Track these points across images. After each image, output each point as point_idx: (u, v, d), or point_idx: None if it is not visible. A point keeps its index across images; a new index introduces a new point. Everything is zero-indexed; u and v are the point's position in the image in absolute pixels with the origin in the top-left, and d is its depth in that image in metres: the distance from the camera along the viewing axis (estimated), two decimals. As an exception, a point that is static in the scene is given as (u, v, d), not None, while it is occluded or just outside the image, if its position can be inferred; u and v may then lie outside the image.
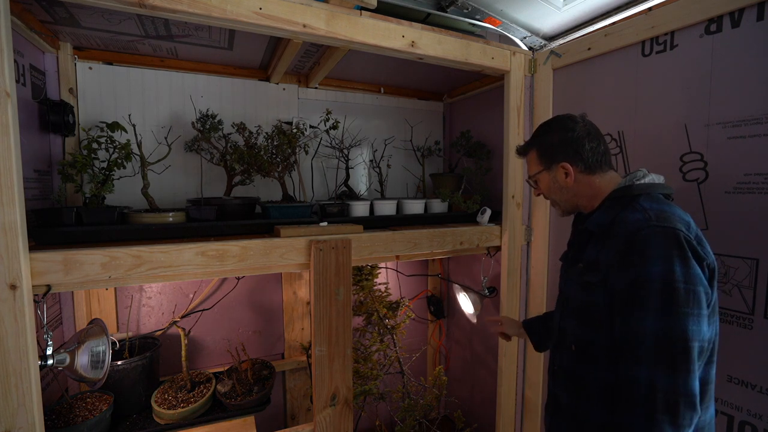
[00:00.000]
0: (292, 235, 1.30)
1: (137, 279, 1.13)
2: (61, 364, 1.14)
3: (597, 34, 1.43)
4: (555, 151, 1.04)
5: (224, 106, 1.81)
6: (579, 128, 1.01)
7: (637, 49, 1.34)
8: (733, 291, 1.13)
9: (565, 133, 1.03)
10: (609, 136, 1.42)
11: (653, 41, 1.29)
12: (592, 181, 1.01)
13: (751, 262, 1.09)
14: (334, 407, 1.35)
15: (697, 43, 1.19)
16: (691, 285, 0.79)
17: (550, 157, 1.05)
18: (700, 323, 0.79)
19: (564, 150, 1.02)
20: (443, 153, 2.36)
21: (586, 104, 1.50)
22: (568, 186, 1.03)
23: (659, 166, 1.28)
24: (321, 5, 1.23)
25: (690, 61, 1.21)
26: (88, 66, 1.57)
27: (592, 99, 1.48)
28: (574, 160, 1.01)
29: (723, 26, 1.13)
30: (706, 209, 1.19)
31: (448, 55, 1.45)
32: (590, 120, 1.06)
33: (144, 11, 1.05)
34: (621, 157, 1.40)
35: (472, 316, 2.07)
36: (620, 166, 1.40)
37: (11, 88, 0.91)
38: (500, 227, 1.69)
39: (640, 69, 1.33)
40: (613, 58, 1.41)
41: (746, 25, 1.09)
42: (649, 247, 0.81)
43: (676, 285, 0.78)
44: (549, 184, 1.08)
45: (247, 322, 1.99)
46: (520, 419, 1.78)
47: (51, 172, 1.46)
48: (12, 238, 0.92)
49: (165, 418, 1.44)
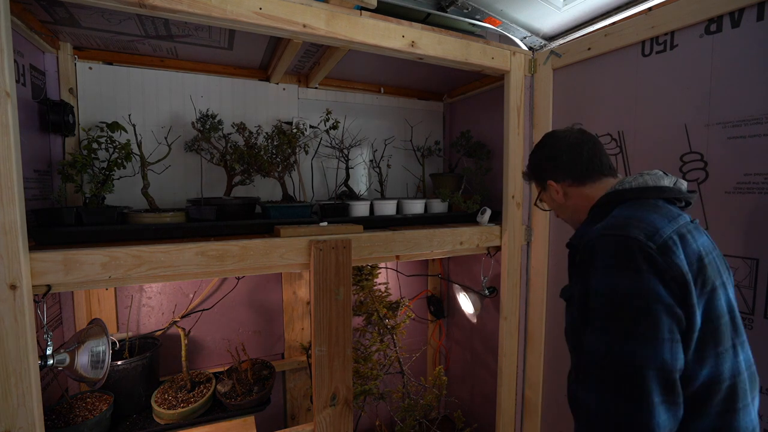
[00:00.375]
0: (292, 235, 1.30)
1: (137, 279, 1.13)
2: (61, 364, 1.14)
3: (597, 34, 1.43)
4: (540, 171, 1.05)
5: (224, 106, 1.81)
6: (555, 142, 1.01)
7: (637, 49, 1.33)
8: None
9: (542, 150, 1.04)
10: (609, 136, 1.42)
11: (653, 41, 1.29)
12: (583, 193, 0.98)
13: (751, 262, 1.09)
14: (334, 407, 1.35)
15: (697, 43, 1.19)
16: (640, 301, 0.68)
17: (540, 178, 1.06)
18: (657, 348, 0.66)
19: (545, 168, 1.02)
20: (443, 153, 2.36)
21: (586, 104, 1.50)
22: (563, 203, 1.02)
23: (659, 166, 1.26)
24: (321, 5, 1.23)
25: (690, 61, 1.21)
26: (88, 66, 1.57)
27: (592, 99, 1.48)
28: (557, 176, 1.00)
29: (723, 26, 1.13)
30: (706, 210, 1.19)
31: (448, 55, 1.45)
32: (580, 127, 1.04)
33: (144, 11, 1.05)
34: (621, 157, 1.40)
35: (472, 316, 2.07)
36: (620, 166, 1.40)
37: (11, 88, 0.91)
38: (500, 227, 1.69)
39: (641, 69, 1.33)
40: (613, 58, 1.41)
41: (746, 25, 1.08)
42: (595, 257, 0.74)
43: (620, 300, 0.69)
44: (551, 204, 1.07)
45: (247, 322, 1.99)
46: (520, 419, 1.78)
47: (51, 172, 1.46)
48: (12, 238, 0.92)
49: (165, 418, 1.44)
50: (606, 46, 1.40)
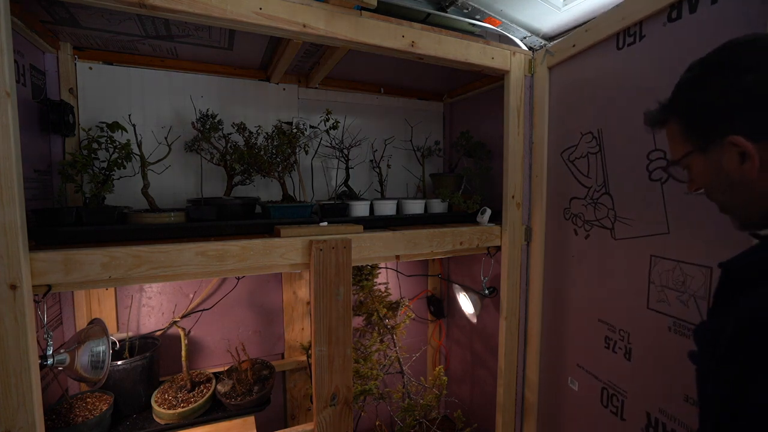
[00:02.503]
0: (292, 235, 1.30)
1: (137, 279, 1.13)
2: (61, 364, 1.14)
3: (579, 30, 1.39)
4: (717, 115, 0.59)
5: (224, 106, 1.81)
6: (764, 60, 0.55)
7: (612, 42, 1.28)
8: (689, 302, 1.07)
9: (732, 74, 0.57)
10: (591, 134, 1.38)
11: (625, 33, 1.23)
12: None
13: (705, 270, 1.03)
14: (334, 407, 1.35)
15: (661, 32, 1.12)
16: None
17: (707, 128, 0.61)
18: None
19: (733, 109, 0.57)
20: (443, 153, 2.36)
21: (573, 102, 1.47)
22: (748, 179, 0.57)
23: (629, 166, 1.23)
24: (321, 5, 1.23)
25: (657, 51, 1.13)
26: (88, 66, 1.57)
27: (577, 97, 1.46)
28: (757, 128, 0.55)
29: (683, 12, 1.05)
30: (668, 212, 1.12)
31: (448, 55, 1.45)
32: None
33: (144, 11, 1.05)
34: (600, 156, 1.35)
35: (472, 316, 2.07)
36: (599, 166, 1.35)
37: (11, 88, 0.91)
38: (500, 227, 1.69)
39: (616, 63, 1.27)
40: (593, 53, 1.36)
41: (702, 9, 1.01)
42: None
43: None
44: (709, 174, 0.63)
45: (247, 322, 1.99)
46: (520, 419, 1.78)
47: (51, 172, 1.46)
48: (12, 238, 0.92)
49: (165, 418, 1.44)
50: (586, 42, 1.36)
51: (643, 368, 1.24)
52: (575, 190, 1.48)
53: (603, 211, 1.36)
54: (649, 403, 1.21)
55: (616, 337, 1.32)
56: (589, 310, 1.43)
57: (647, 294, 1.21)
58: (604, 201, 1.36)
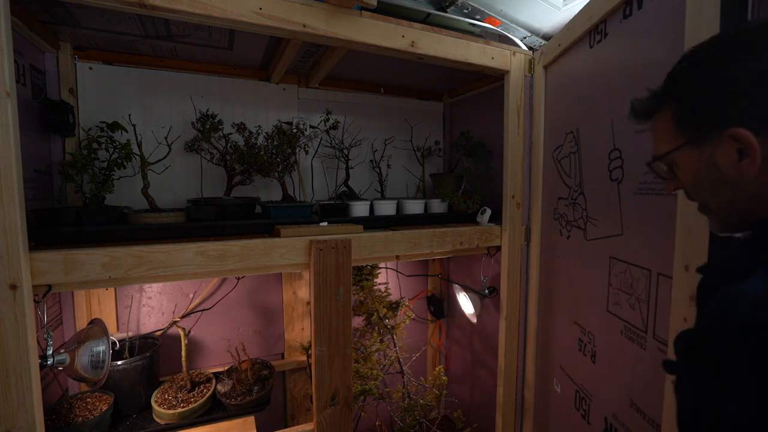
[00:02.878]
0: (292, 235, 1.30)
1: (137, 279, 1.13)
2: (61, 364, 1.14)
3: (563, 28, 1.39)
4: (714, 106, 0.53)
5: (224, 106, 1.81)
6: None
7: (586, 41, 1.26)
8: (635, 305, 1.05)
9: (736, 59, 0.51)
10: (572, 134, 1.36)
11: (594, 31, 1.21)
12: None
13: (647, 272, 1.01)
14: (334, 407, 1.35)
15: (619, 29, 1.10)
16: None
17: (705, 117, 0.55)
18: None
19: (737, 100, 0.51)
20: (443, 153, 2.36)
21: (560, 102, 1.46)
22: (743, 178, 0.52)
23: (596, 166, 1.21)
24: (321, 5, 1.23)
25: (617, 49, 1.12)
26: (88, 66, 1.57)
27: (562, 96, 1.45)
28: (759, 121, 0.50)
29: (633, 9, 1.04)
30: (622, 213, 1.08)
31: (448, 55, 1.45)
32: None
33: (144, 11, 1.05)
34: (577, 156, 1.32)
35: (472, 316, 2.07)
36: (576, 167, 1.32)
37: (11, 88, 0.91)
38: (500, 227, 1.69)
39: (588, 62, 1.25)
40: (573, 52, 1.35)
41: (647, 4, 0.99)
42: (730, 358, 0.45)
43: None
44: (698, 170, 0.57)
45: (247, 322, 1.99)
46: (520, 419, 1.78)
47: (51, 172, 1.46)
48: (12, 238, 0.92)
49: (165, 417, 1.44)
50: (567, 41, 1.35)
51: (602, 372, 1.21)
52: (560, 190, 1.45)
53: (579, 211, 1.33)
54: (606, 408, 1.18)
55: (586, 339, 1.29)
56: (569, 312, 1.41)
57: (607, 296, 1.17)
58: (580, 201, 1.33)
